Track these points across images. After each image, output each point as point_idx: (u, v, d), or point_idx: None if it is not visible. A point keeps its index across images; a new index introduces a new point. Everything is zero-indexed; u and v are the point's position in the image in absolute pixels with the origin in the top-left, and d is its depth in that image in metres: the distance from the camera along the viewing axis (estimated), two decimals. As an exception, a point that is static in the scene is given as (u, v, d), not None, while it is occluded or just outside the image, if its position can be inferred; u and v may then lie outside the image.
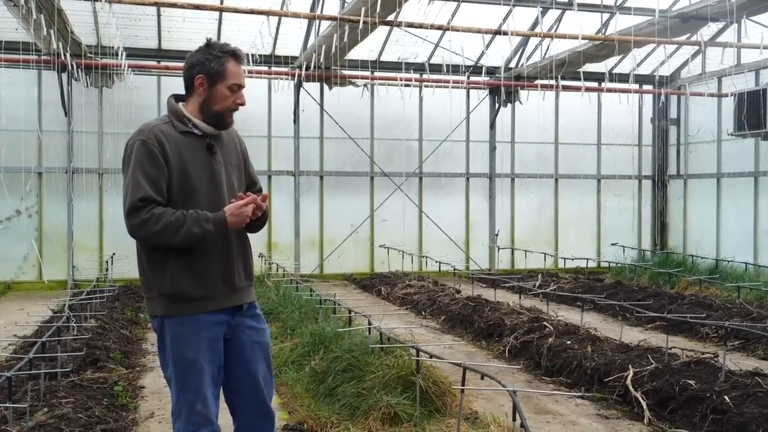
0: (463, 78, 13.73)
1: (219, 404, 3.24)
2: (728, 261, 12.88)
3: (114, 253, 12.00)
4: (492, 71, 14.16)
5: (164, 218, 2.97)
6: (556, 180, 15.31)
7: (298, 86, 13.27)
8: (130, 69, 12.05)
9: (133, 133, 3.11)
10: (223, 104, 3.16)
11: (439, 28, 11.09)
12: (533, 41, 13.70)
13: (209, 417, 3.12)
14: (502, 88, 14.21)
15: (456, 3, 12.48)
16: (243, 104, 3.20)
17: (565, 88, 13.74)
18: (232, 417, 3.36)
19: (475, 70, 14.00)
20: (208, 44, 3.19)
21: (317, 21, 11.63)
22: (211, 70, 3.13)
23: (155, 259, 3.11)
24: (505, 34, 10.91)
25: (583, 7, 11.93)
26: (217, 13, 11.97)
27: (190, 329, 3.11)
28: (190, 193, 3.08)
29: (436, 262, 13.01)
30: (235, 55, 3.17)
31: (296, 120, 13.46)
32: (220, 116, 3.18)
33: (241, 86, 3.18)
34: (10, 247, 12.30)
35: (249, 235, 3.34)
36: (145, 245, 3.13)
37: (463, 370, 4.49)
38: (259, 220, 3.24)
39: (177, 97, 3.24)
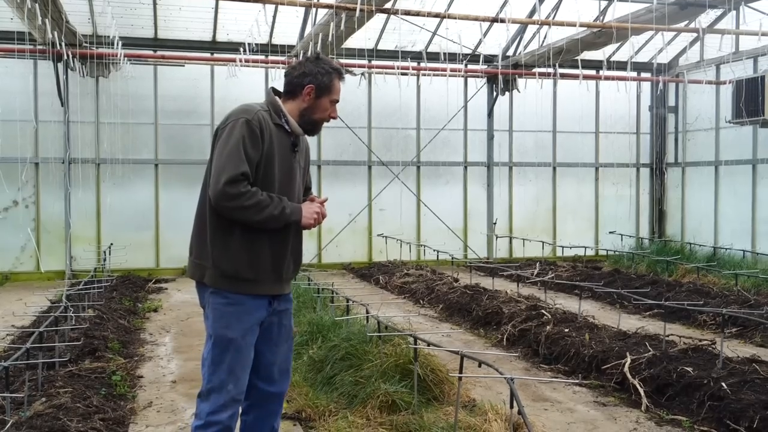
0: (461, 66, 13.67)
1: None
2: (726, 249, 12.89)
3: (112, 243, 11.99)
4: (490, 59, 14.11)
5: (257, 196, 3.14)
6: (554, 168, 15.29)
7: (295, 75, 13.19)
8: (126, 58, 11.99)
9: (235, 110, 3.26)
10: (321, 115, 3.43)
11: (437, 16, 11.04)
12: (531, 29, 13.65)
13: (238, 398, 3.25)
14: (500, 77, 14.16)
15: (453, -9, 12.42)
16: (335, 118, 3.52)
17: (563, 76, 13.70)
18: (244, 398, 3.41)
19: (473, 58, 13.95)
20: (319, 58, 3.44)
21: (314, 9, 11.56)
22: (321, 83, 3.37)
23: (221, 232, 3.23)
24: (503, 21, 10.87)
25: (580, -6, 11.87)
26: (213, 2, 11.93)
27: (234, 309, 3.24)
28: (268, 181, 3.24)
29: (434, 251, 13.01)
30: (341, 73, 3.45)
31: (293, 109, 13.39)
32: (316, 124, 3.44)
33: (337, 102, 3.46)
34: (8, 237, 12.28)
35: None
36: (213, 215, 3.22)
37: (460, 358, 4.49)
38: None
39: (275, 92, 3.43)
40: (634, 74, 14.74)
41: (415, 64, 13.17)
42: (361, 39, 12.14)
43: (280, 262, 3.33)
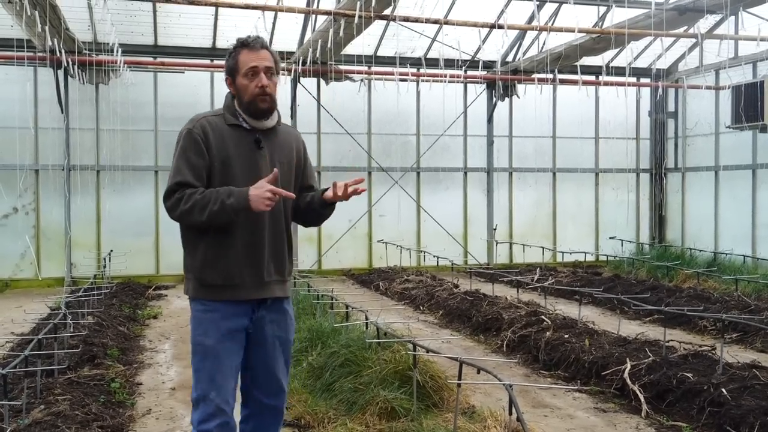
0: (460, 72, 13.70)
1: (236, 397, 3.26)
2: (726, 254, 12.87)
3: (111, 250, 11.99)
4: (489, 65, 14.13)
5: (193, 197, 3.06)
6: (554, 174, 15.29)
7: (294, 81, 13.24)
8: (126, 65, 12.01)
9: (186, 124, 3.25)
10: (247, 93, 3.20)
11: (436, 22, 11.05)
12: (530, 35, 13.67)
13: (222, 407, 3.15)
14: (499, 82, 14.18)
15: (452, -3, 12.46)
16: (264, 85, 3.17)
17: (563, 81, 13.72)
18: (243, 405, 3.39)
19: (472, 64, 13.96)
20: None
21: (313, 16, 11.59)
22: (229, 67, 3.25)
23: (190, 240, 3.22)
24: (502, 27, 10.88)
25: (579, 0, 11.91)
26: (213, 9, 11.94)
27: (211, 316, 3.19)
28: (229, 183, 3.14)
29: (434, 256, 13.00)
30: (245, 44, 3.22)
31: (293, 115, 13.43)
32: (251, 105, 3.21)
33: (256, 69, 3.17)
34: (7, 244, 12.28)
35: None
36: (182, 228, 3.24)
37: (459, 364, 4.48)
38: (314, 212, 3.40)
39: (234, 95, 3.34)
40: (633, 80, 14.74)
41: (414, 70, 13.18)
42: (360, 45, 12.16)
43: (258, 265, 3.21)
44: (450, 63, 12.45)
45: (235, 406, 3.24)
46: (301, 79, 13.19)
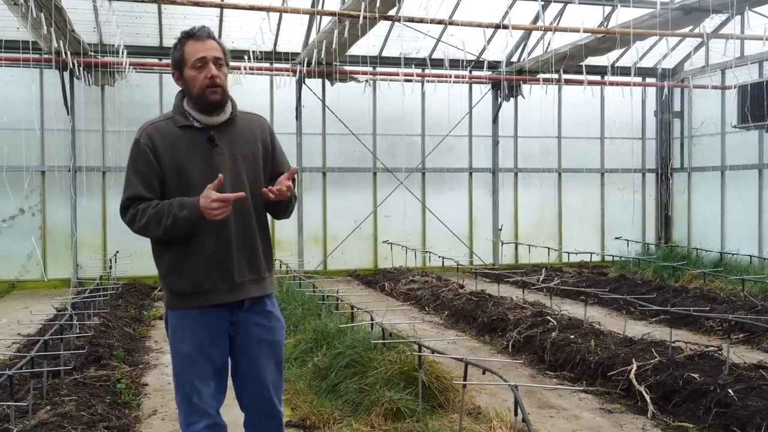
0: (465, 73, 13.70)
1: (223, 399, 3.22)
2: (733, 254, 12.83)
3: (117, 251, 12.01)
4: (494, 66, 14.11)
5: (147, 212, 2.98)
6: (560, 174, 15.27)
7: (299, 82, 13.25)
8: (131, 67, 12.03)
9: None
10: (196, 85, 3.05)
11: (440, 22, 11.04)
12: (535, 35, 13.66)
13: (206, 410, 3.10)
14: (504, 83, 14.17)
15: (457, -3, 12.45)
16: (214, 76, 3.03)
17: (568, 81, 13.68)
18: (241, 410, 3.33)
19: (477, 64, 13.96)
20: None
21: (318, 17, 11.61)
22: (174, 59, 3.13)
23: (156, 252, 3.14)
24: (506, 28, 10.88)
25: (584, 0, 11.88)
26: (217, 10, 11.97)
27: (186, 323, 3.13)
28: (186, 188, 3.02)
29: (439, 257, 13.00)
30: (191, 35, 3.10)
31: (298, 116, 13.44)
32: (200, 98, 3.06)
33: (205, 59, 3.04)
34: (14, 245, 12.32)
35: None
36: (151, 241, 3.16)
37: (465, 365, 4.48)
38: (282, 204, 3.16)
39: (183, 93, 3.19)
40: (638, 79, 14.70)
41: (419, 70, 13.19)
42: (365, 46, 12.16)
43: (226, 267, 3.06)
44: (455, 63, 12.44)
45: (221, 406, 3.20)
46: (306, 80, 13.20)
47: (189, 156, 3.06)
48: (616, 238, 15.12)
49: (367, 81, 13.51)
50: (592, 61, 13.08)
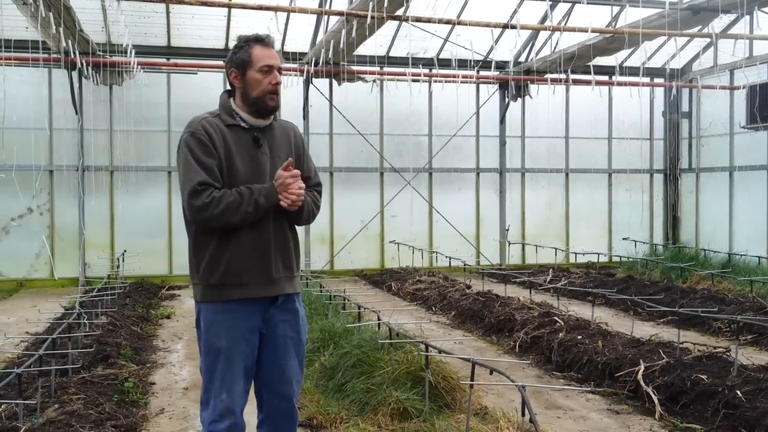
0: (473, 73, 13.68)
1: (247, 399, 3.24)
2: (741, 255, 12.78)
3: (125, 250, 12.06)
4: (501, 66, 14.10)
5: (224, 199, 3.05)
6: (567, 174, 15.24)
7: (307, 82, 13.26)
8: (139, 66, 12.06)
9: (184, 128, 3.21)
10: (258, 89, 3.20)
11: (448, 22, 11.03)
12: (543, 35, 13.64)
13: (232, 408, 3.14)
14: (512, 83, 14.16)
15: (465, -3, 12.44)
16: (278, 83, 3.23)
17: (576, 82, 13.66)
18: (258, 408, 3.35)
19: (485, 64, 13.94)
20: (237, 41, 3.28)
21: (325, 16, 11.62)
22: (239, 59, 3.21)
23: (199, 244, 3.18)
24: (514, 27, 10.85)
25: (592, 0, 11.85)
26: (225, 10, 11.98)
27: (223, 318, 3.16)
28: (233, 182, 3.13)
29: (446, 257, 12.98)
30: (259, 39, 3.23)
31: (305, 116, 13.45)
32: (259, 101, 3.21)
33: (272, 66, 3.21)
34: (23, 244, 12.37)
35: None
36: (191, 230, 3.21)
37: (472, 365, 4.47)
38: (300, 208, 3.24)
39: (229, 93, 3.31)
40: (647, 80, 14.67)
41: (426, 70, 13.17)
42: (372, 46, 12.16)
43: (266, 261, 3.17)
44: (462, 63, 12.42)
45: (245, 408, 3.22)
46: (314, 79, 13.21)
47: (237, 153, 3.18)
48: (623, 239, 15.08)
49: (374, 81, 13.52)
50: (600, 61, 13.05)
